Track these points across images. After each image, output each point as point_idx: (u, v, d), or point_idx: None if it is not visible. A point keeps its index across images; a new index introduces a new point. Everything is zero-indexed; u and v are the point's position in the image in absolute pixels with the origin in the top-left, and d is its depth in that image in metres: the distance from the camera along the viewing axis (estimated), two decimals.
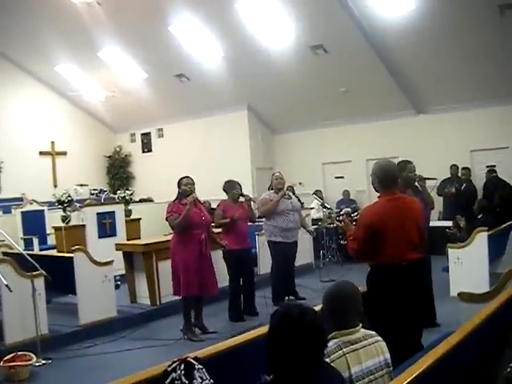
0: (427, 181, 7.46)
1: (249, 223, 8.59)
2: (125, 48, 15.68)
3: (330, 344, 3.05)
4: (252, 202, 8.57)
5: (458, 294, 8.42)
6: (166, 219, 7.34)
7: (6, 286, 5.79)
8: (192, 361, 2.06)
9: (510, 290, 4.57)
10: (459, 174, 13.22)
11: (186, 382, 1.98)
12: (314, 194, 12.89)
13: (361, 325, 3.21)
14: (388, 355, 3.21)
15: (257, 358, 2.64)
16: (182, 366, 2.02)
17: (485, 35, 11.83)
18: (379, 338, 3.24)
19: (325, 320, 3.10)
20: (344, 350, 3.04)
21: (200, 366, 2.06)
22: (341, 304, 3.20)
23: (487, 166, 13.08)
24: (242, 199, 8.39)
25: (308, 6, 12.45)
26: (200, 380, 2.01)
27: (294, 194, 10.29)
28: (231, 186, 8.42)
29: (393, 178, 4.86)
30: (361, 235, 4.71)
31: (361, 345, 3.12)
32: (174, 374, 2.00)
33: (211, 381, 2.04)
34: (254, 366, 2.62)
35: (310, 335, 2.37)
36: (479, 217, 10.71)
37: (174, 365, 2.04)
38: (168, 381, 2.00)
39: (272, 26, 13.38)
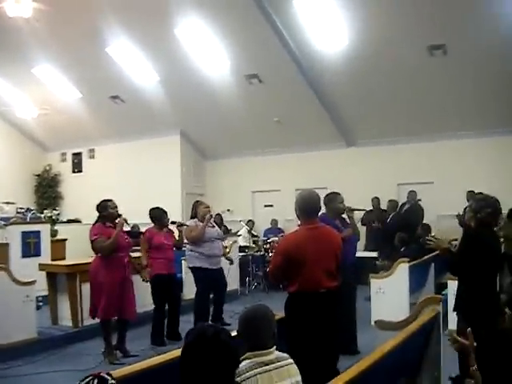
0: (356, 212, 7.70)
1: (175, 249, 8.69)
2: (60, 66, 15.57)
3: (243, 364, 3.11)
4: (184, 228, 8.66)
5: (375, 322, 8.65)
6: (92, 242, 7.29)
7: None
8: (105, 376, 2.12)
9: (422, 318, 4.77)
10: (381, 207, 13.60)
11: None
12: (246, 223, 13.05)
13: (274, 347, 3.29)
14: (299, 378, 3.29)
15: (173, 379, 2.69)
16: (96, 381, 2.07)
17: (413, 74, 12.39)
18: (291, 360, 3.33)
19: (240, 343, 3.20)
20: (256, 370, 3.10)
21: (113, 382, 2.11)
22: (254, 325, 3.28)
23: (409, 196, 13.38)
24: (171, 226, 8.50)
25: (245, 35, 12.71)
26: None
27: (222, 220, 10.38)
28: (159, 215, 8.52)
29: (313, 207, 5.04)
30: (276, 261, 4.93)
31: (273, 366, 3.19)
32: None
33: None
34: None
35: (223, 354, 2.46)
36: (402, 249, 11.00)
37: (86, 379, 2.09)
38: None
39: (209, 53, 13.58)
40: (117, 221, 7.31)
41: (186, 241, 8.73)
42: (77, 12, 13.04)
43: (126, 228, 7.99)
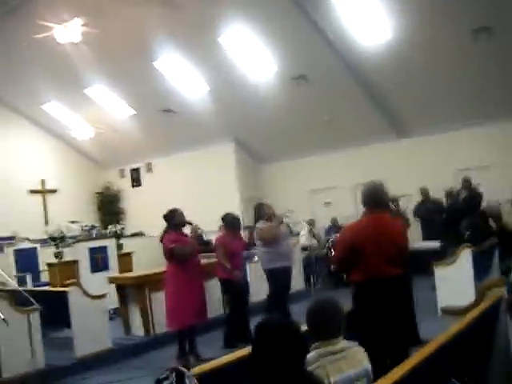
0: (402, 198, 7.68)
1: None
2: (111, 85, 15.99)
3: (311, 354, 3.20)
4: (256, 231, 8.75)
5: (442, 310, 8.58)
6: (170, 249, 7.41)
7: (3, 319, 5.89)
8: (182, 369, 2.23)
9: (485, 302, 4.74)
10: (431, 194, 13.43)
11: None
12: (307, 222, 13.12)
13: (342, 336, 3.36)
14: (368, 365, 3.35)
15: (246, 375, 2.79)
16: (174, 374, 2.19)
17: (460, 59, 12.22)
18: (360, 348, 3.39)
19: (309, 335, 3.29)
20: (324, 359, 3.19)
21: (190, 374, 2.23)
22: (322, 315, 3.36)
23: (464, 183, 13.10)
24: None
25: (289, 37, 12.82)
26: None
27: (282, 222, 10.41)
28: (232, 220, 8.64)
29: (376, 198, 5.10)
30: (339, 248, 5.01)
31: (341, 355, 3.25)
32: (165, 382, 2.17)
33: None
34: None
35: (292, 342, 2.55)
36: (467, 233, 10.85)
37: (165, 373, 2.21)
38: None
39: (255, 59, 13.72)
40: (190, 227, 7.48)
41: (258, 243, 8.73)
42: (122, 30, 13.39)
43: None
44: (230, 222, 8.62)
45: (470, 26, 11.38)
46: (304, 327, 3.38)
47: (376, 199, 5.12)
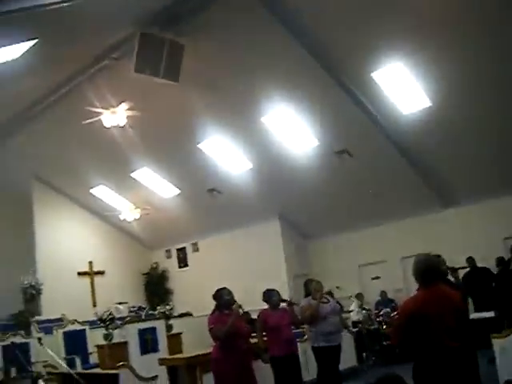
0: (459, 270, 7.52)
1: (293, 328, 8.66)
2: (156, 166, 16.34)
3: None
4: (295, 306, 8.64)
5: (506, 382, 8.25)
6: (210, 330, 7.31)
7: None
8: None
9: None
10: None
11: None
12: (355, 297, 12.94)
13: None
14: None
15: None
16: None
17: (501, 122, 12.10)
18: None
19: None
20: None
21: None
22: None
23: None
24: (283, 304, 8.51)
25: (329, 113, 13.01)
26: None
27: (332, 297, 10.25)
28: (270, 294, 8.56)
29: (431, 270, 4.98)
30: (399, 322, 4.86)
31: None
32: None
33: None
34: None
35: None
36: None
37: None
38: None
39: (297, 135, 13.93)
40: (233, 307, 7.39)
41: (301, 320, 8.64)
42: (166, 113, 13.77)
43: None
44: (267, 297, 8.53)
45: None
46: None
47: (432, 271, 5.01)
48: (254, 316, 9.12)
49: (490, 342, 8.73)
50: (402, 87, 12.04)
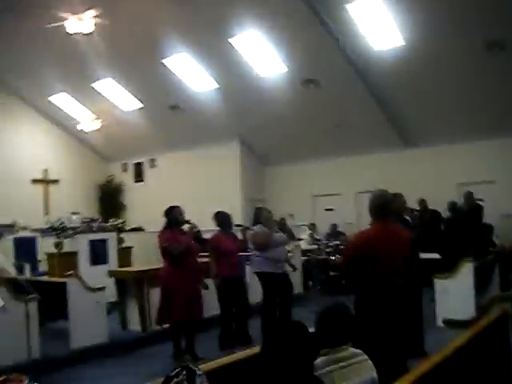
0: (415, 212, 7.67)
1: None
2: (120, 78, 16.01)
3: (318, 360, 3.18)
4: (248, 232, 8.75)
5: (444, 321, 8.58)
6: (164, 248, 7.39)
7: (2, 307, 5.86)
8: (193, 367, 2.20)
9: (490, 316, 4.71)
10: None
11: None
12: (308, 227, 13.15)
13: (350, 343, 3.33)
14: (375, 374, 3.32)
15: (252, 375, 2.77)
16: (185, 372, 2.16)
17: (471, 72, 12.22)
18: (366, 356, 3.36)
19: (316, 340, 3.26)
20: (331, 366, 3.16)
21: (201, 373, 2.20)
22: (334, 322, 3.34)
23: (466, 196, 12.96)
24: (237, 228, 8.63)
25: (301, 41, 12.82)
26: None
27: (285, 225, 10.38)
28: (224, 218, 8.63)
29: (384, 206, 5.06)
30: (347, 254, 4.97)
31: (348, 363, 3.23)
32: (176, 379, 2.14)
33: None
34: None
35: (301, 345, 2.54)
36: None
37: (176, 370, 2.18)
38: None
39: (266, 60, 13.70)
40: (187, 225, 7.46)
41: (250, 245, 8.77)
42: (134, 25, 13.41)
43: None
44: (221, 220, 8.61)
45: (483, 39, 11.37)
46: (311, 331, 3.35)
47: (382, 207, 5.09)
48: (205, 236, 9.19)
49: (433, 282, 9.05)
50: (377, 22, 11.91)
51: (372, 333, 4.71)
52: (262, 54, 13.66)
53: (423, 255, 11.68)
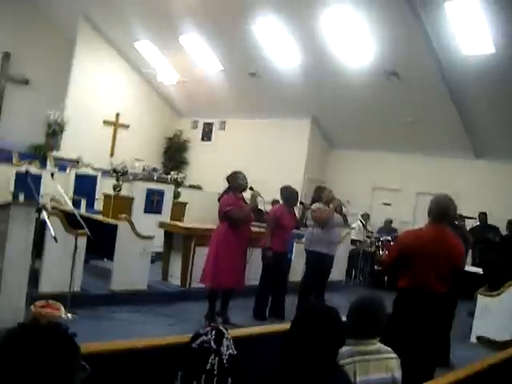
0: (466, 220, 7.53)
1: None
2: (206, 37, 16.06)
3: (344, 349, 3.18)
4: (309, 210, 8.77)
5: (477, 338, 8.46)
6: (226, 211, 7.41)
7: (54, 237, 6.03)
8: (223, 329, 2.24)
9: None
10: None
11: (214, 346, 2.15)
12: (361, 216, 13.06)
13: (378, 338, 3.33)
14: (398, 374, 3.31)
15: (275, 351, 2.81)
16: (214, 332, 2.20)
17: None
18: (394, 355, 3.35)
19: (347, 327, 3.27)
20: (354, 358, 3.17)
21: (229, 336, 2.24)
22: (367, 314, 3.34)
23: None
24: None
25: (390, 31, 12.60)
26: (226, 348, 2.18)
27: (341, 210, 10.31)
28: (291, 194, 8.66)
29: (442, 211, 5.00)
30: (393, 251, 4.93)
31: (373, 357, 3.23)
32: (204, 337, 2.18)
33: (235, 352, 2.22)
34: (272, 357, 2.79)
35: (331, 330, 2.54)
36: None
37: (207, 329, 2.22)
38: (198, 341, 2.18)
39: (352, 44, 13.56)
40: (251, 192, 7.54)
41: (310, 223, 8.72)
42: None
43: (260, 205, 8.19)
44: (287, 196, 8.63)
45: None
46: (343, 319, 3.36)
47: (443, 212, 5.03)
48: (261, 206, 9.23)
49: (474, 296, 8.90)
50: (471, 25, 11.59)
51: (404, 334, 4.71)
52: (349, 38, 13.47)
53: (471, 268, 11.57)
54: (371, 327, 3.33)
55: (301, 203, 8.85)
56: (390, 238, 12.97)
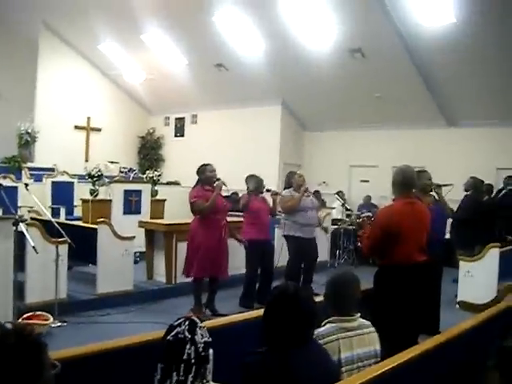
0: (444, 188, 7.64)
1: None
2: (168, 33, 16.00)
3: (327, 327, 3.28)
4: (278, 197, 8.86)
5: (458, 303, 8.62)
6: (192, 203, 7.55)
7: (33, 247, 6.05)
8: (195, 319, 2.32)
9: (502, 304, 4.73)
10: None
11: (189, 336, 2.23)
12: (336, 194, 13.13)
13: (359, 314, 3.42)
14: (378, 347, 3.42)
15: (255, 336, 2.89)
16: (187, 322, 2.28)
17: None
18: (373, 328, 3.45)
19: (325, 306, 3.37)
20: (338, 335, 3.26)
21: (202, 325, 2.31)
22: (342, 290, 3.43)
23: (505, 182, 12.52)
24: (266, 193, 8.74)
25: (350, 9, 12.66)
26: (201, 336, 2.25)
27: (317, 197, 10.41)
28: (255, 182, 8.73)
29: (409, 182, 5.09)
30: (375, 234, 4.98)
31: (355, 333, 3.33)
32: (178, 329, 2.26)
33: (210, 338, 2.29)
34: (252, 342, 2.87)
35: (302, 311, 2.64)
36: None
37: (179, 321, 2.30)
38: (172, 333, 2.26)
39: (314, 26, 13.57)
40: (216, 183, 7.59)
41: (279, 210, 8.88)
42: None
43: (225, 193, 8.26)
44: (253, 184, 8.71)
45: None
46: (320, 298, 3.45)
47: (410, 183, 5.13)
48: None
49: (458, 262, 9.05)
50: None
51: (387, 306, 4.81)
52: (311, 20, 13.50)
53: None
54: (351, 303, 3.41)
55: (267, 190, 8.91)
56: (370, 213, 13.03)
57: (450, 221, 10.46)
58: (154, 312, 7.85)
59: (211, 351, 2.33)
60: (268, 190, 8.94)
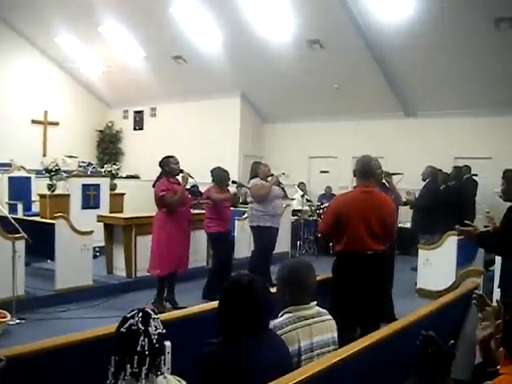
0: (394, 176, 7.75)
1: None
2: (126, 25, 15.83)
3: (285, 317, 3.29)
4: (246, 189, 8.87)
5: (417, 291, 8.76)
6: (161, 197, 7.49)
7: None
8: (149, 310, 2.30)
9: (459, 289, 4.80)
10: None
11: (142, 327, 2.21)
12: (298, 185, 13.19)
13: (315, 302, 3.43)
14: (336, 334, 3.44)
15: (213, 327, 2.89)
16: (140, 314, 2.26)
17: (480, 46, 12.06)
18: (330, 316, 3.47)
19: (280, 297, 3.38)
20: (296, 324, 3.26)
21: (156, 316, 2.30)
22: (297, 279, 3.41)
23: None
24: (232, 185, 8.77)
25: (308, 0, 12.67)
26: (155, 328, 2.24)
27: (279, 183, 10.44)
28: (221, 175, 8.70)
29: (367, 170, 5.16)
30: (327, 219, 5.08)
31: (313, 321, 3.33)
32: (131, 321, 2.24)
33: (164, 330, 2.28)
34: (210, 333, 2.87)
35: (255, 300, 2.66)
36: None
37: (132, 313, 2.28)
38: (126, 325, 2.24)
39: (272, 17, 13.56)
40: (181, 175, 7.57)
41: (250, 199, 8.86)
42: None
43: (188, 185, 8.23)
44: (217, 176, 8.69)
45: (493, 15, 11.24)
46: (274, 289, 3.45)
47: (368, 170, 5.18)
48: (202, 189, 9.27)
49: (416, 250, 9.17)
50: None
51: (348, 295, 4.86)
52: (269, 11, 13.48)
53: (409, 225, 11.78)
54: (307, 292, 3.42)
55: (233, 182, 8.93)
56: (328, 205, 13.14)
57: (410, 211, 10.71)
58: (115, 306, 7.80)
59: (168, 343, 2.32)
60: (234, 182, 8.95)
